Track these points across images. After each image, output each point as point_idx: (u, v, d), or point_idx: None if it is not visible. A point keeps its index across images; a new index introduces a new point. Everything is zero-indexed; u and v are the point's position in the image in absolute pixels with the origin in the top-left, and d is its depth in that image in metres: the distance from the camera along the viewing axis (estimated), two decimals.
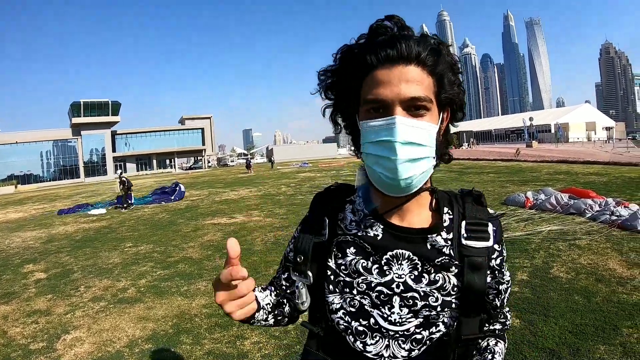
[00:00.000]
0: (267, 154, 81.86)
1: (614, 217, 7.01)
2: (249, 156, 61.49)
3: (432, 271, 0.86)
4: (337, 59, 0.88)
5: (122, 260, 7.07)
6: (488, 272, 0.89)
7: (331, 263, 0.92)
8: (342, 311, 0.90)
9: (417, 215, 0.90)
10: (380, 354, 0.88)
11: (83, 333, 4.14)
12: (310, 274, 0.93)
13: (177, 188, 17.40)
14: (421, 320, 0.86)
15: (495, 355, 0.94)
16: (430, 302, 0.85)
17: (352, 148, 0.94)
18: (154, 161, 74.07)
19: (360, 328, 0.89)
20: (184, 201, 16.15)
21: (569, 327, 3.50)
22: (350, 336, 0.89)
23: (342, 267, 0.91)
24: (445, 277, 0.86)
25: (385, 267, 0.87)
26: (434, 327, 0.87)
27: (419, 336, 0.87)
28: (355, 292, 0.89)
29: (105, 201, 18.28)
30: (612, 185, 11.60)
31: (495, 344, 0.97)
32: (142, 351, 3.67)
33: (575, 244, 5.94)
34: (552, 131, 52.99)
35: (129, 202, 15.29)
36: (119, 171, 22.02)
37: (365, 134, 0.83)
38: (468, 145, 56.90)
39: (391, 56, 0.78)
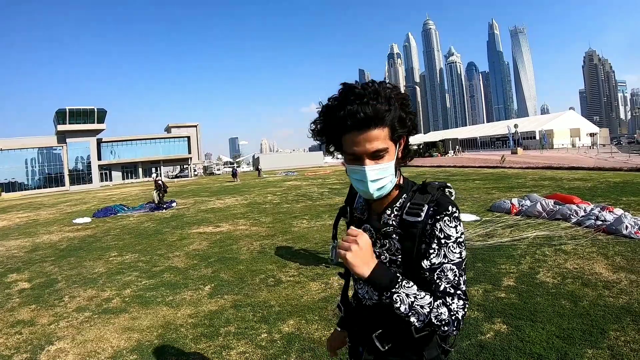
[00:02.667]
0: (254, 163, 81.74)
1: (599, 222, 7.10)
2: (234, 164, 61.32)
3: (382, 238, 1.30)
4: (322, 114, 1.25)
5: (107, 269, 6.96)
6: (423, 240, 1.23)
7: None
8: None
9: (384, 203, 1.33)
10: (364, 295, 1.39)
11: (67, 344, 4.05)
12: (336, 240, 1.43)
13: (172, 205, 17.24)
14: None
15: (415, 287, 1.17)
16: (382, 259, 1.28)
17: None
18: (140, 169, 73.61)
19: (355, 277, 1.33)
20: (170, 210, 16.05)
21: (556, 331, 3.51)
22: (354, 282, 1.49)
23: None
24: (391, 242, 1.28)
25: None
26: None
27: None
28: None
29: (141, 204, 18.45)
30: (597, 190, 11.78)
31: (426, 293, 1.18)
32: None
33: (561, 249, 5.99)
34: (537, 138, 53.80)
35: (165, 204, 16.80)
36: (154, 175, 22.34)
37: (349, 172, 1.27)
38: (454, 152, 57.43)
39: (362, 122, 1.14)
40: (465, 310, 1.19)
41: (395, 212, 1.29)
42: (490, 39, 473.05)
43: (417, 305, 1.14)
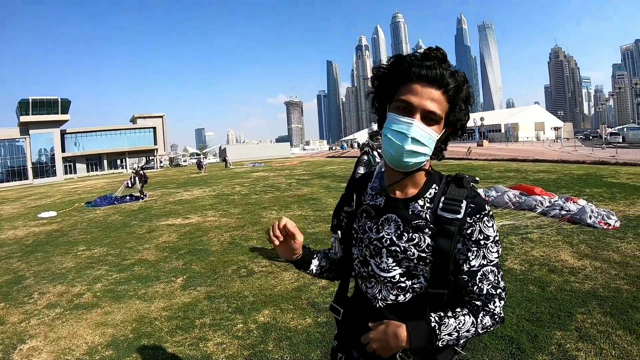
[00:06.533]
0: (221, 154, 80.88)
1: (563, 212, 7.37)
2: (200, 156, 60.60)
3: (410, 231, 1.17)
4: (390, 61, 1.20)
5: (76, 264, 6.79)
6: (460, 240, 1.16)
7: (355, 225, 1.31)
8: (356, 260, 1.31)
9: (410, 190, 1.22)
10: (375, 295, 1.24)
11: (40, 342, 3.94)
12: (339, 232, 1.38)
13: (143, 197, 16.90)
14: (404, 270, 1.18)
15: (452, 320, 1.10)
16: (409, 255, 1.16)
17: (375, 126, 1.32)
18: (105, 161, 71.86)
19: (364, 274, 1.27)
20: (137, 202, 15.74)
21: (526, 315, 3.66)
22: (360, 280, 1.31)
23: (359, 227, 1.29)
24: (421, 236, 1.15)
25: (380, 227, 1.22)
26: (415, 279, 1.18)
27: (403, 285, 1.19)
28: (363, 245, 1.27)
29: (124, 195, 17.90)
30: (561, 182, 12.20)
31: (465, 313, 1.13)
32: (103, 358, 3.53)
33: (527, 237, 6.21)
34: (503, 131, 55.07)
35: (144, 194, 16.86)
36: (135, 165, 21.76)
37: (390, 122, 1.16)
38: None
39: (428, 77, 1.10)
40: (504, 303, 1.17)
41: (428, 204, 1.18)
42: (458, 34, 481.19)
43: (463, 334, 1.11)
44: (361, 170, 4.53)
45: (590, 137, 55.48)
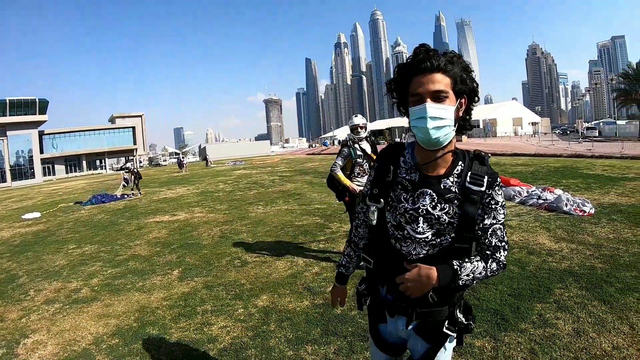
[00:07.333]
0: (201, 153, 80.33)
1: (540, 201, 7.73)
2: (180, 155, 60.23)
3: (443, 202, 1.45)
4: (395, 72, 1.48)
5: (69, 261, 6.82)
6: (480, 206, 1.45)
7: (391, 194, 1.53)
8: (390, 223, 1.53)
9: (441, 168, 1.48)
10: (410, 252, 1.49)
11: (43, 336, 3.98)
12: (382, 200, 1.54)
13: (126, 196, 16.87)
14: (435, 231, 1.46)
15: (469, 264, 1.43)
16: (441, 221, 1.44)
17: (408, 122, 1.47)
18: (84, 162, 70.61)
19: (399, 236, 1.51)
20: (122, 201, 15.72)
21: (508, 291, 3.96)
22: (393, 240, 1.53)
23: (395, 197, 1.51)
24: (451, 206, 1.44)
25: (416, 199, 1.47)
26: (442, 237, 1.46)
27: (433, 242, 1.47)
28: (397, 213, 1.51)
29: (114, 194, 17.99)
30: (539, 174, 12.67)
31: (478, 260, 1.46)
32: (110, 346, 3.62)
33: (506, 224, 6.47)
34: (481, 126, 55.68)
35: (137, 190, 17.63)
36: (128, 164, 21.71)
37: (412, 115, 1.42)
38: (400, 140, 58.59)
39: (424, 68, 1.37)
40: (507, 253, 1.49)
41: (456, 179, 1.45)
42: (436, 31, 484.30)
43: (477, 275, 1.43)
44: (339, 161, 4.96)
45: (568, 132, 56.90)
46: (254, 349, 3.34)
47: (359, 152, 4.97)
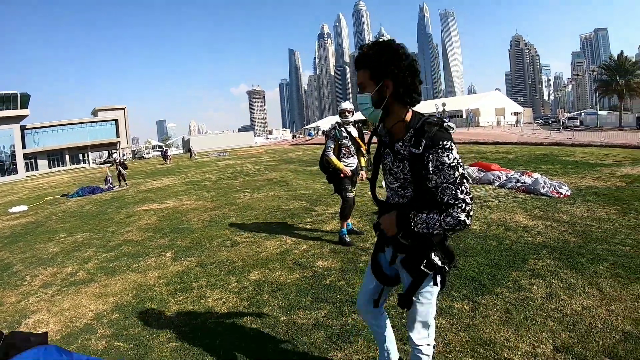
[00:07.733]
0: (184, 145, 79.88)
1: (519, 184, 8.05)
2: (164, 147, 59.88)
3: (397, 161, 1.84)
4: None
5: (62, 249, 6.93)
6: (425, 166, 1.69)
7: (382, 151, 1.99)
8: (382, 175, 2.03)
9: (399, 134, 1.84)
10: (391, 198, 1.95)
11: (44, 315, 4.10)
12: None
13: (113, 188, 16.94)
14: (399, 184, 1.86)
15: (424, 215, 1.72)
16: (398, 176, 1.86)
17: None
18: (67, 157, 69.66)
19: (385, 184, 2.01)
20: (108, 192, 15.75)
21: (486, 261, 4.25)
22: (386, 189, 2.01)
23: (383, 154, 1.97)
24: (403, 165, 1.80)
25: (385, 156, 1.94)
26: (406, 190, 1.84)
27: (400, 192, 1.88)
28: (382, 166, 1.98)
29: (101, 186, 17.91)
30: (519, 161, 13.03)
31: (436, 213, 1.71)
32: (111, 320, 3.78)
33: (486, 205, 6.86)
34: (464, 116, 56.23)
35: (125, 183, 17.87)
36: (115, 154, 21.59)
37: None
38: None
39: (356, 65, 1.86)
40: (467, 211, 1.66)
41: (405, 144, 1.78)
42: (420, 22, 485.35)
43: (432, 225, 1.69)
44: (331, 144, 5.40)
45: (550, 122, 57.76)
46: (250, 316, 3.57)
47: (344, 134, 5.40)
